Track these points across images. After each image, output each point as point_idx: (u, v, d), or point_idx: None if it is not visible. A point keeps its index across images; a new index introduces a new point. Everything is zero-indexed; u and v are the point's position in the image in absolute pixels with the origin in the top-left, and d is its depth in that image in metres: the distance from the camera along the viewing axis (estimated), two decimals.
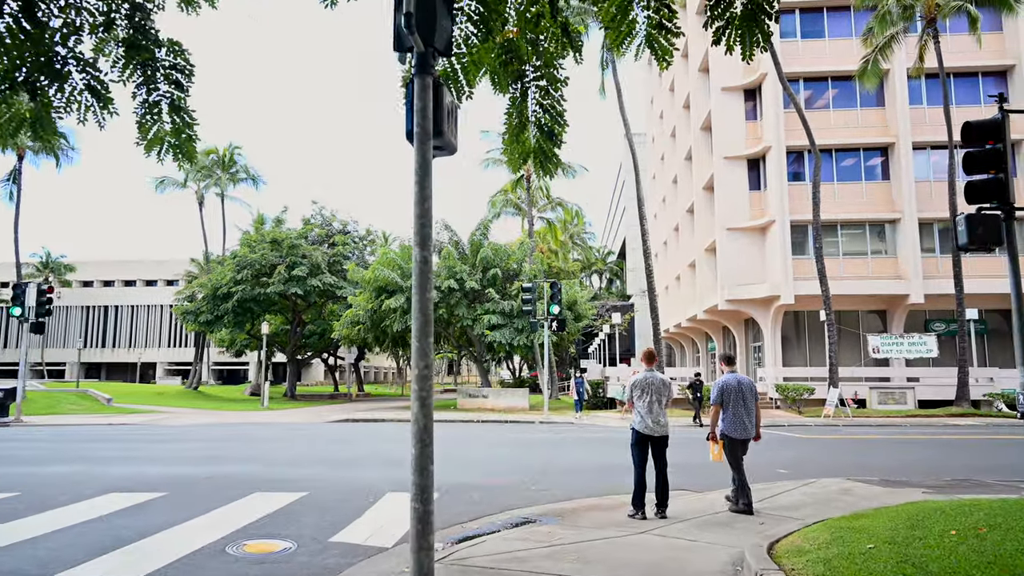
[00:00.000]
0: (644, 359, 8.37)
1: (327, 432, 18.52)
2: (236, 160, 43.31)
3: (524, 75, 7.29)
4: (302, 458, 12.79)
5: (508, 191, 40.08)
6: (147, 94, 6.93)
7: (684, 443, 15.34)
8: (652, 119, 53.21)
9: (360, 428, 20.31)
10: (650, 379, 7.96)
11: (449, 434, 17.98)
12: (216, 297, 36.95)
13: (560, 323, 23.29)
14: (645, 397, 7.92)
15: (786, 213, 31.39)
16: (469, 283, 27.25)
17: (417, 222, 4.21)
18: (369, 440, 16.26)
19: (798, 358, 32.99)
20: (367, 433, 18.44)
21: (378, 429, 20.07)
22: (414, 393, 4.02)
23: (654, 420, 7.87)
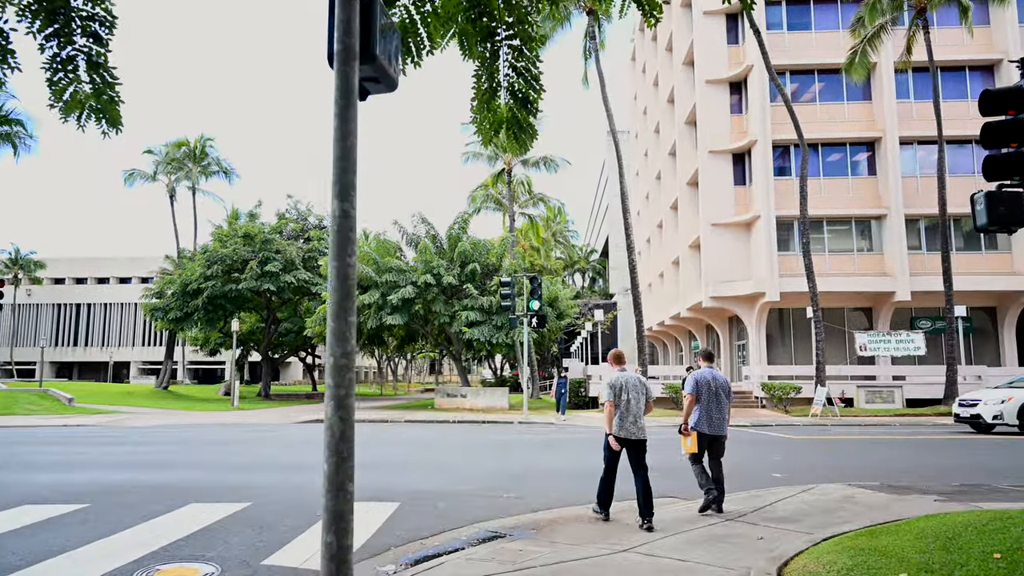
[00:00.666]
0: (612, 361, 7.79)
1: (290, 434, 17.43)
2: (208, 152, 41.81)
3: (495, 33, 6.35)
4: (256, 463, 11.73)
5: (489, 186, 39.08)
6: (59, 48, 5.90)
7: (673, 445, 14.49)
8: (636, 115, 52.48)
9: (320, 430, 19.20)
10: (626, 378, 7.49)
11: (421, 436, 16.96)
12: (186, 293, 35.58)
13: (540, 319, 22.36)
14: (622, 397, 7.41)
15: (772, 208, 30.70)
16: (447, 278, 26.21)
17: (337, 166, 3.16)
18: None
19: (783, 356, 32.33)
20: None
21: None
22: (329, 390, 3.01)
23: (632, 422, 7.37)
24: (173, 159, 41.27)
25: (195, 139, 41.33)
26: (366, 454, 12.75)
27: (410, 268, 27.13)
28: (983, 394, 18.55)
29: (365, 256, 27.04)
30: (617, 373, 7.60)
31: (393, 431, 18.69)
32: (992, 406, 17.81)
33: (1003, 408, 17.57)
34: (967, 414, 18.40)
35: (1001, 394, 18.06)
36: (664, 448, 13.64)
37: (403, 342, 35.60)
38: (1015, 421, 17.36)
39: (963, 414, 18.55)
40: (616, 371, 7.65)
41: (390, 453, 13.02)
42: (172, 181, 41.95)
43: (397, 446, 14.51)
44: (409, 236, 28.52)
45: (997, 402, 17.83)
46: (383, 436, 16.89)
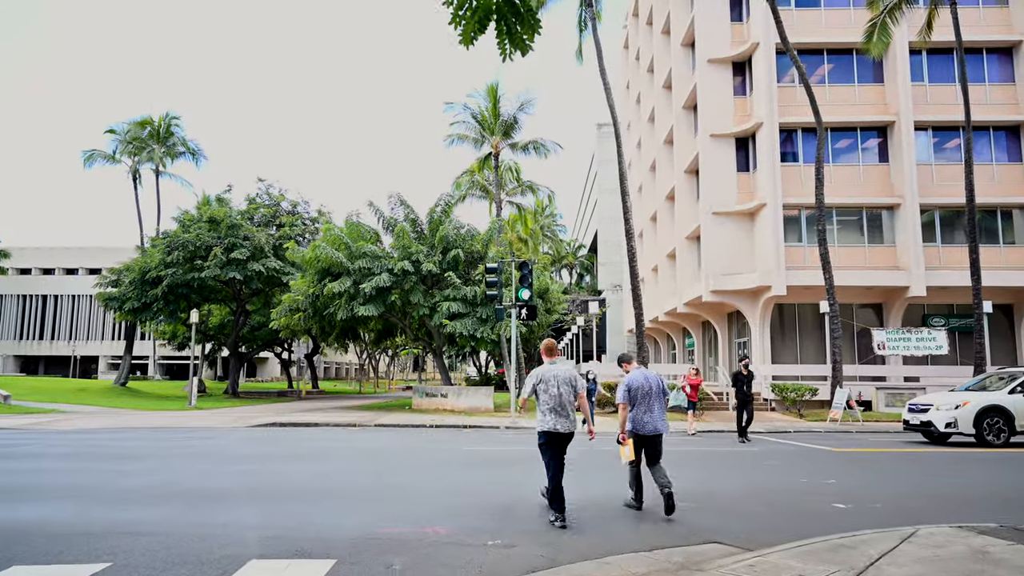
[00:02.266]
0: (545, 352, 7.52)
1: (230, 442, 14.54)
2: (174, 132, 38.52)
3: None
4: (158, 487, 8.86)
5: (475, 171, 36.26)
6: None
7: (698, 459, 11.80)
8: (628, 105, 49.87)
9: (278, 435, 16.34)
10: (554, 370, 7.20)
11: (390, 445, 14.16)
12: (144, 282, 32.47)
13: (530, 310, 19.59)
14: (551, 390, 7.11)
15: (779, 196, 28.15)
16: (427, 265, 23.37)
17: None
18: (273, 456, 12.36)
19: (788, 355, 29.82)
20: (281, 442, 14.52)
21: (298, 436, 16.13)
22: None
23: (564, 415, 7.11)
24: (136, 138, 37.99)
25: (159, 117, 38.08)
26: (314, 473, 9.95)
27: (386, 255, 24.27)
28: (935, 398, 15.99)
29: (335, 240, 24.13)
30: (546, 365, 7.32)
31: (357, 438, 15.86)
32: (945, 412, 15.19)
33: (957, 415, 14.98)
34: (917, 421, 15.84)
35: (955, 398, 15.49)
36: (690, 463, 11.12)
37: (380, 336, 32.70)
38: (970, 430, 14.78)
39: (913, 420, 15.99)
40: (546, 362, 7.38)
41: (344, 472, 10.20)
42: (135, 163, 38.65)
43: (355, 459, 11.69)
44: (386, 220, 25.64)
45: (950, 407, 15.21)
46: (343, 445, 14.06)
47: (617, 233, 57.15)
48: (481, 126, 32.80)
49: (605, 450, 13.44)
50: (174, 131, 38.62)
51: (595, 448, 13.62)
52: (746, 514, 7.57)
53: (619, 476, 9.42)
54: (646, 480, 8.10)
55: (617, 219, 57.54)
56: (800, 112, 29.32)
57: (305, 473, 9.97)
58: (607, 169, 58.49)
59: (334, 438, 15.47)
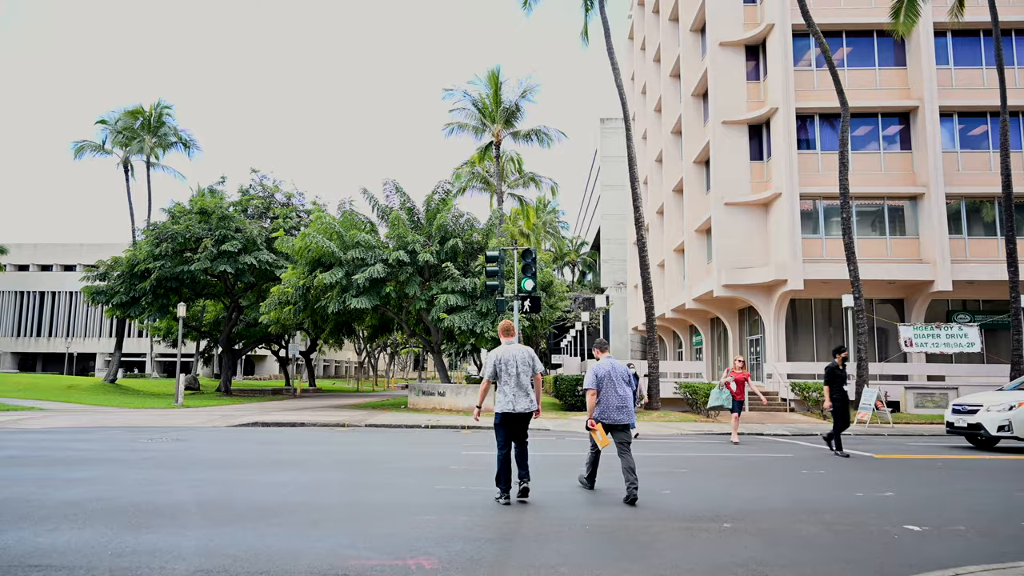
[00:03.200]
0: (502, 332, 7.63)
1: (201, 445, 12.93)
2: (165, 121, 36.94)
3: None
4: (97, 501, 7.26)
5: (475, 163, 34.67)
6: None
7: (759, 469, 10.15)
8: (634, 96, 48.15)
9: (256, 436, 14.73)
10: (512, 351, 7.28)
11: (378, 449, 12.56)
12: (133, 275, 30.90)
13: (534, 302, 17.97)
14: (511, 370, 7.17)
15: (795, 185, 26.52)
16: (423, 256, 21.76)
17: None
18: (241, 461, 10.76)
19: (803, 352, 28.17)
20: (256, 445, 12.92)
21: (278, 438, 14.53)
22: None
23: (524, 395, 7.17)
24: (127, 128, 36.40)
25: (151, 106, 36.51)
26: (282, 483, 8.34)
27: (380, 244, 22.66)
28: (984, 398, 14.04)
29: (327, 228, 22.53)
30: (503, 346, 7.37)
31: (342, 440, 14.26)
32: (996, 414, 13.29)
33: (1011, 417, 13.09)
34: (963, 423, 13.87)
35: (1009, 398, 13.55)
36: (726, 472, 8.89)
37: (376, 332, 31.10)
38: None
39: (958, 423, 13.99)
40: (503, 343, 7.44)
41: (317, 482, 8.59)
42: (126, 154, 37.07)
43: (334, 466, 10.08)
44: (381, 208, 24.03)
45: (1003, 408, 13.28)
46: (324, 449, 12.46)
47: (621, 229, 55.59)
48: (482, 114, 31.22)
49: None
50: (166, 120, 36.98)
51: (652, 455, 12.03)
52: (799, 539, 5.95)
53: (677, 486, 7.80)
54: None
55: (621, 215, 55.99)
56: (817, 97, 27.71)
57: (271, 483, 8.36)
58: (611, 165, 56.90)
59: (316, 440, 13.87)
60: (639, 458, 9.72)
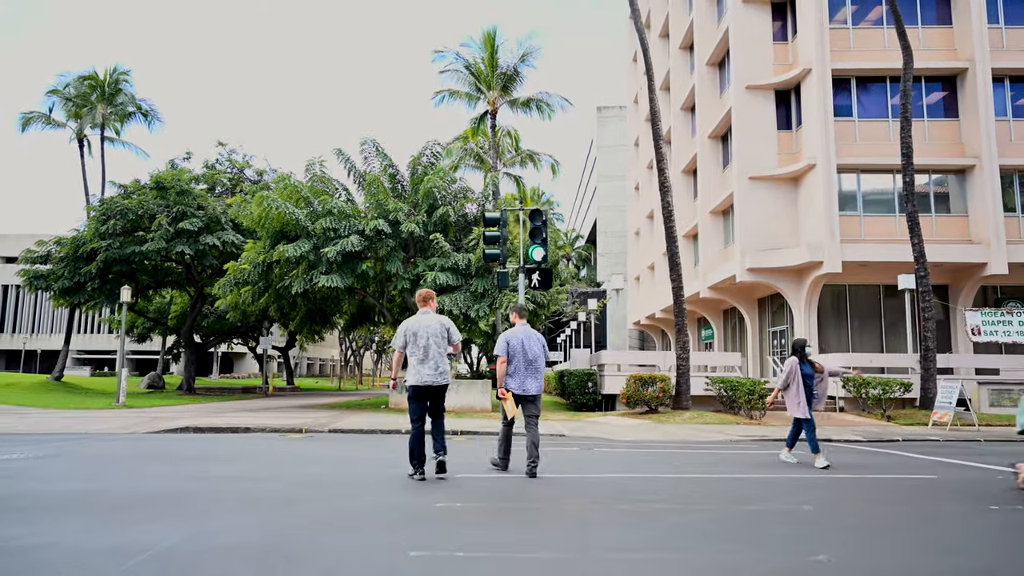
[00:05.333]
0: (420, 301, 7.18)
1: (78, 462, 8.92)
2: (122, 88, 32.71)
3: None
4: None
5: (468, 137, 30.80)
6: None
7: (880, 498, 6.20)
8: (636, 76, 44.48)
9: (173, 447, 10.68)
10: (425, 321, 6.93)
11: (326, 472, 8.58)
12: (78, 257, 26.69)
13: (545, 276, 14.07)
14: (420, 342, 6.85)
15: (832, 155, 22.90)
16: (407, 226, 17.84)
17: None
18: (102, 494, 6.72)
19: (838, 344, 24.52)
20: (155, 462, 8.94)
21: (197, 450, 10.54)
22: None
23: (433, 367, 6.84)
24: (79, 95, 32.13)
25: (105, 71, 32.21)
26: (112, 550, 4.39)
27: (356, 213, 18.70)
28: None
29: (292, 192, 18.52)
30: (417, 315, 7.05)
31: (289, 452, 10.32)
32: None
33: None
34: None
35: None
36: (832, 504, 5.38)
37: (354, 321, 27.07)
38: None
39: None
40: (419, 313, 7.11)
41: (182, 550, 4.61)
42: (80, 125, 32.74)
43: (238, 509, 6.06)
44: (359, 173, 20.11)
45: None
46: (253, 468, 8.46)
47: (618, 222, 51.90)
48: (476, 79, 27.34)
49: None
50: (123, 88, 32.63)
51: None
52: None
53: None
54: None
55: (618, 208, 52.25)
56: (854, 57, 24.11)
57: (104, 551, 4.43)
58: (607, 154, 53.38)
59: (250, 454, 9.89)
60: (708, 479, 7.11)
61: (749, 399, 15.76)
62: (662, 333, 44.32)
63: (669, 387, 16.75)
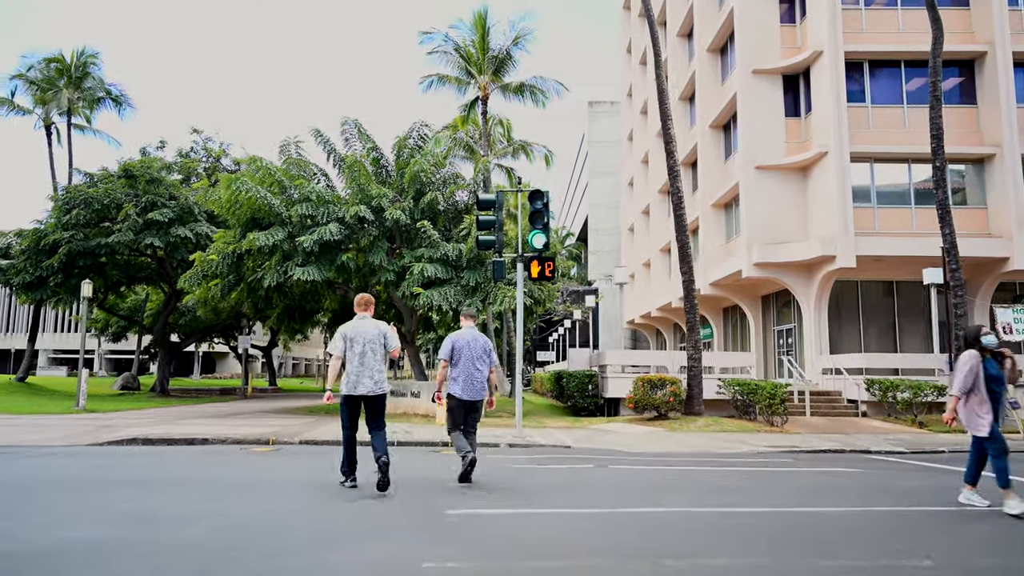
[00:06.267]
0: (358, 306, 6.77)
1: None
2: (91, 72, 30.59)
3: None
4: None
5: (458, 126, 29.00)
6: None
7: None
8: (630, 68, 42.93)
9: (110, 466, 8.89)
10: (363, 327, 6.58)
11: (279, 507, 6.72)
12: (40, 250, 24.66)
13: (545, 265, 12.37)
14: (356, 348, 6.49)
15: (845, 143, 21.37)
16: (392, 213, 16.04)
17: None
18: (12, 525, 4.92)
19: (848, 344, 22.97)
20: (84, 487, 7.13)
21: (127, 472, 8.71)
22: None
23: (368, 376, 6.47)
24: (45, 79, 29.99)
25: (73, 53, 30.12)
26: None
27: (336, 199, 16.88)
28: None
29: (264, 174, 16.66)
30: (355, 320, 6.68)
31: (243, 475, 8.52)
32: None
33: None
34: None
35: None
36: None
37: (337, 318, 25.16)
38: None
39: None
40: (356, 317, 6.72)
41: None
42: (46, 111, 30.58)
43: (182, 554, 4.31)
44: (338, 156, 18.29)
45: None
46: (185, 501, 6.61)
47: (610, 219, 50.34)
48: (467, 62, 25.57)
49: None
50: (91, 71, 30.56)
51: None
52: None
53: None
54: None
55: (610, 205, 50.67)
56: (867, 40, 22.58)
57: None
58: (599, 150, 51.88)
59: (192, 478, 8.05)
60: (756, 512, 5.08)
61: (770, 404, 14.11)
62: (657, 332, 42.83)
63: (680, 390, 15.08)
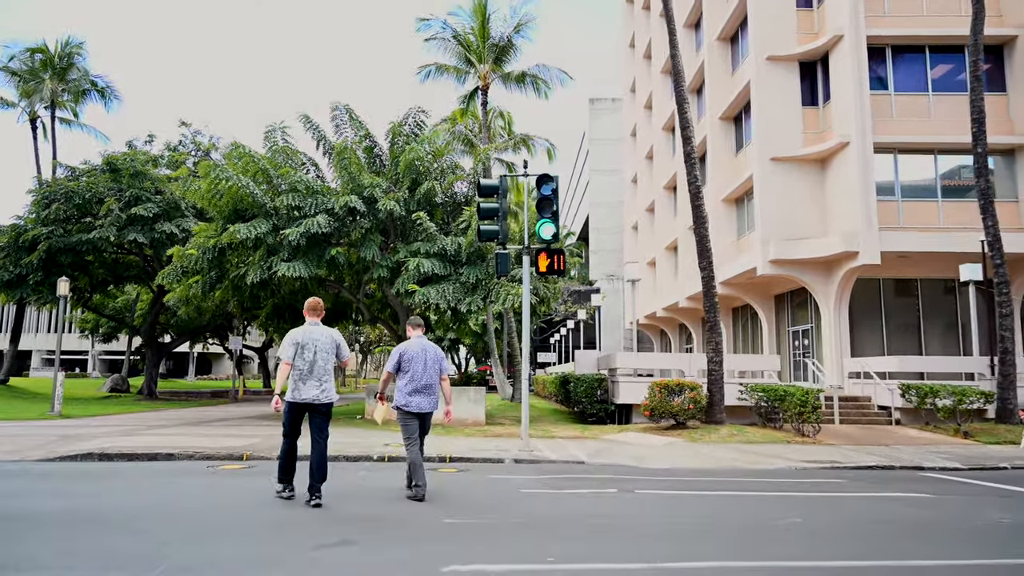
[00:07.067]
0: (308, 311, 6.64)
1: None
2: (75, 63, 29.14)
3: None
4: None
5: (457, 119, 27.43)
6: None
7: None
8: (634, 63, 41.54)
9: (45, 493, 7.46)
10: (315, 334, 6.38)
11: (265, 562, 5.38)
12: (19, 247, 23.24)
13: (555, 259, 10.96)
14: (307, 355, 6.26)
15: (868, 131, 19.98)
16: (385, 203, 14.62)
17: None
18: None
19: (869, 346, 21.57)
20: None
21: (66, 501, 7.26)
22: None
23: (316, 384, 6.26)
24: (29, 70, 28.54)
25: (56, 43, 28.70)
26: None
27: (325, 189, 15.47)
28: None
29: (246, 163, 15.22)
30: (306, 326, 6.50)
31: (215, 502, 7.13)
32: None
33: None
34: None
35: None
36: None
37: (330, 318, 23.66)
38: None
39: None
40: (307, 324, 6.54)
41: None
42: (31, 104, 29.08)
43: None
44: (328, 144, 16.88)
45: None
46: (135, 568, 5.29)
47: (612, 218, 48.93)
48: (466, 50, 24.16)
49: None
50: (76, 62, 29.09)
51: None
52: None
53: None
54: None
55: (612, 203, 49.24)
56: (889, 24, 21.21)
57: None
58: (600, 147, 50.56)
59: (154, 507, 6.61)
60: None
61: (800, 412, 12.69)
62: (661, 333, 41.43)
63: (700, 397, 13.65)
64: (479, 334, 34.39)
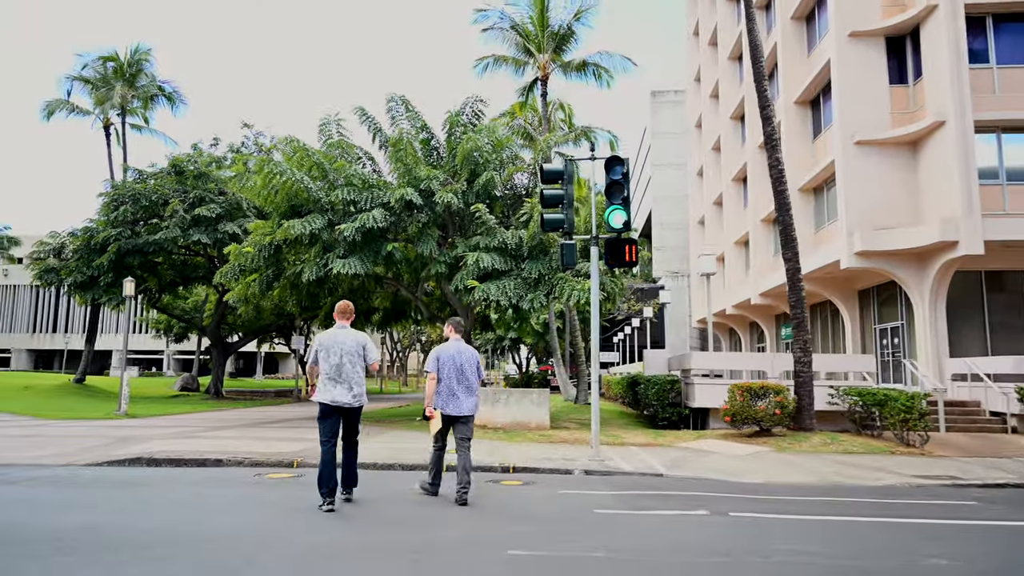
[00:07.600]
0: (337, 314, 6.51)
1: None
2: (143, 69, 29.78)
3: None
4: None
5: (515, 112, 26.74)
6: None
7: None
8: (698, 51, 39.81)
9: (77, 506, 6.88)
10: (340, 337, 6.29)
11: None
12: (91, 249, 23.71)
13: (625, 250, 9.89)
14: (332, 359, 6.18)
15: (968, 111, 18.00)
16: (443, 196, 13.87)
17: None
18: None
19: (970, 346, 19.49)
20: (8, 546, 5.09)
21: (95, 516, 6.67)
22: None
23: (346, 387, 6.16)
24: (101, 77, 29.29)
25: (126, 51, 29.34)
26: None
27: (381, 183, 14.84)
28: None
29: (303, 158, 14.73)
30: (333, 330, 6.42)
31: (254, 519, 6.44)
32: None
33: None
34: None
35: None
36: None
37: (388, 317, 23.18)
38: None
39: None
40: (336, 327, 6.45)
41: None
42: (103, 111, 29.90)
43: None
44: (384, 137, 16.28)
45: None
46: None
47: (676, 212, 47.12)
48: (525, 39, 23.27)
49: None
50: (144, 68, 29.77)
51: None
52: None
53: None
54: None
55: (674, 198, 47.40)
56: None
57: None
58: (662, 141, 48.86)
59: (182, 526, 5.95)
60: None
61: (905, 419, 11.20)
62: (730, 332, 39.54)
63: (787, 401, 12.30)
64: (540, 333, 33.45)
